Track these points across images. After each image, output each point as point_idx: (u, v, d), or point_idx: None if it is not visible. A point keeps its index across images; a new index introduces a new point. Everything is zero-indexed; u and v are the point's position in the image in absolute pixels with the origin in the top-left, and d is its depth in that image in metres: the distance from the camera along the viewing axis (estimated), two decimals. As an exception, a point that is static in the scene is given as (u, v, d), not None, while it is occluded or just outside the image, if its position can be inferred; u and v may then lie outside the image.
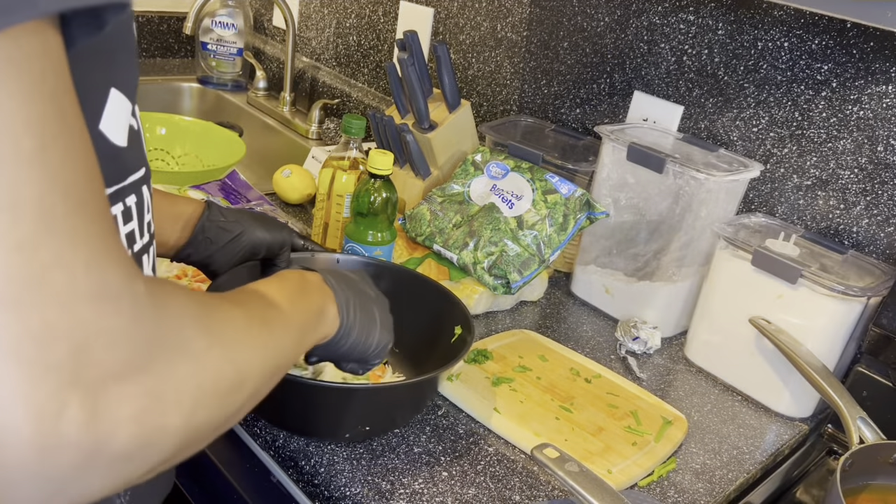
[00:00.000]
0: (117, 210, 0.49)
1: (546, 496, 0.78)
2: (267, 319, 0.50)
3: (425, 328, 0.92)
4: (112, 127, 0.45)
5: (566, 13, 1.34)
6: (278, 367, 0.51)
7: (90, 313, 0.32)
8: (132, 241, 0.51)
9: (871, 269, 0.99)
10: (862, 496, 0.83)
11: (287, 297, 0.56)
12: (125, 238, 0.50)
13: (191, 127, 1.54)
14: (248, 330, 0.46)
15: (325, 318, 0.64)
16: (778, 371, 0.99)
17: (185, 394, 0.37)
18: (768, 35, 1.09)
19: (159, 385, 0.35)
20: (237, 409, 0.44)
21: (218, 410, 0.41)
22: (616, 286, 1.15)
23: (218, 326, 0.42)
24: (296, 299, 0.58)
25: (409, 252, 1.14)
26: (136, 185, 0.50)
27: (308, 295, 0.62)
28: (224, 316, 0.44)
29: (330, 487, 0.75)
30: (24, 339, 0.30)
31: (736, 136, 1.16)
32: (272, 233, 0.86)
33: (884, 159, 1.01)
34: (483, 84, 1.51)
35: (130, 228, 0.51)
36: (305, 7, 1.90)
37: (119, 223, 0.49)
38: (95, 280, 0.33)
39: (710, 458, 0.89)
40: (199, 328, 0.40)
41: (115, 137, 0.46)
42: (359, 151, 1.15)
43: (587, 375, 0.98)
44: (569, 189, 1.10)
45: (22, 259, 0.30)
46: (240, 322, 0.46)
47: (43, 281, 0.31)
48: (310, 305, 0.61)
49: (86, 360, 0.32)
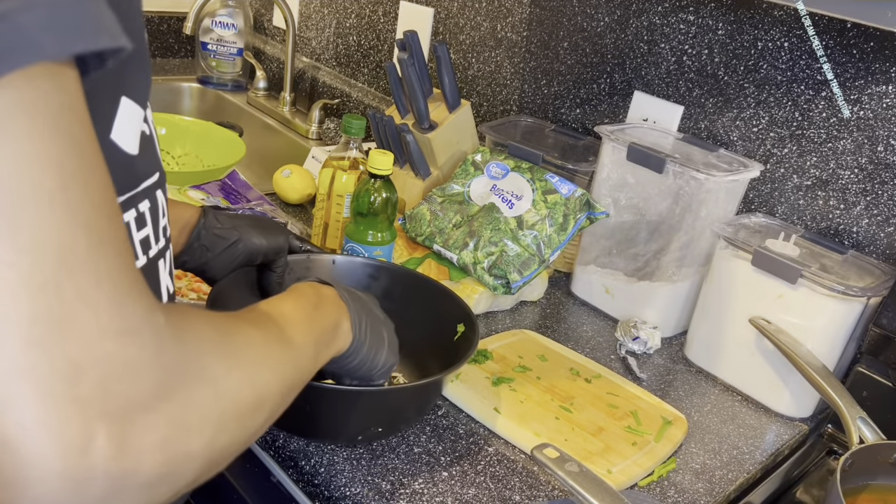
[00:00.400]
0: (130, 216, 0.49)
1: (546, 496, 0.78)
2: (284, 339, 0.51)
3: (427, 327, 0.91)
4: (124, 136, 0.45)
5: (566, 13, 1.34)
6: (296, 385, 0.51)
7: (114, 347, 0.33)
8: (147, 247, 0.51)
9: (871, 269, 0.99)
10: (862, 496, 0.83)
11: (304, 314, 0.57)
12: (140, 244, 0.50)
13: (191, 127, 1.54)
14: (266, 351, 0.47)
15: (340, 333, 0.65)
16: (778, 371, 0.99)
17: (206, 420, 0.38)
18: (768, 35, 1.09)
19: (182, 413, 0.36)
20: (257, 429, 0.45)
21: (239, 433, 0.42)
22: (616, 286, 1.15)
23: (237, 350, 0.43)
24: (312, 315, 0.59)
25: (409, 252, 1.14)
26: (149, 191, 0.50)
27: (323, 309, 0.62)
28: (243, 339, 0.45)
29: (330, 487, 0.75)
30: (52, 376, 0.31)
31: (736, 136, 1.16)
32: (269, 239, 0.85)
33: (884, 159, 1.01)
34: (483, 84, 1.51)
35: (145, 234, 0.51)
36: (305, 7, 1.90)
37: (132, 229, 0.49)
38: (118, 315, 0.34)
39: (710, 458, 0.89)
40: (218, 354, 0.40)
41: (126, 146, 0.46)
42: (359, 151, 1.15)
43: (587, 375, 0.98)
44: (569, 189, 1.10)
45: (46, 299, 0.31)
46: (258, 343, 0.46)
47: (67, 319, 0.32)
48: (326, 320, 0.62)
49: (111, 392, 0.33)
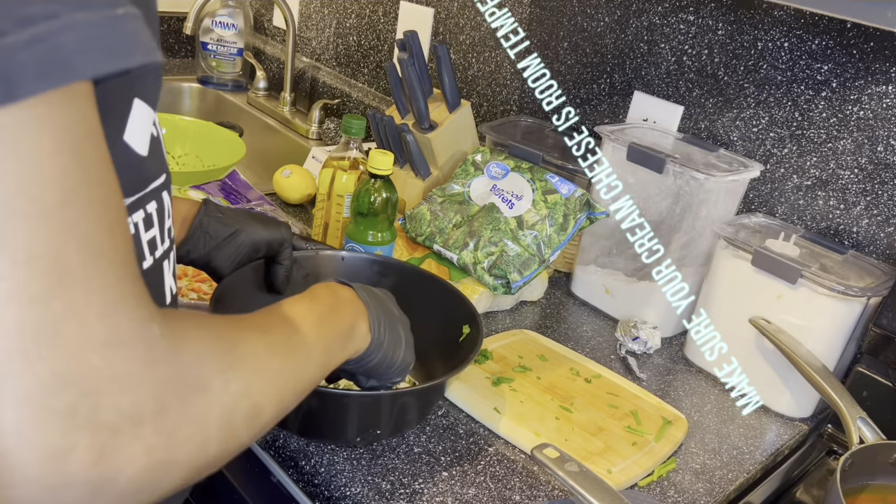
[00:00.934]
0: (139, 217, 0.49)
1: (546, 496, 0.78)
2: (291, 346, 0.51)
3: (433, 326, 0.91)
4: (136, 137, 0.46)
5: (566, 13, 1.34)
6: (299, 393, 0.51)
7: (101, 361, 0.34)
8: (154, 248, 0.52)
9: (871, 269, 0.99)
10: (862, 496, 0.83)
11: (316, 318, 0.57)
12: (147, 245, 0.50)
13: (191, 127, 1.54)
14: (269, 360, 0.47)
15: (356, 335, 0.64)
16: (778, 371, 0.99)
17: (196, 431, 0.38)
18: (768, 35, 1.09)
19: (169, 425, 0.37)
20: (252, 437, 0.45)
21: (231, 442, 0.42)
22: (616, 286, 1.15)
23: (237, 360, 0.43)
24: (325, 320, 0.58)
25: (409, 252, 1.14)
26: (156, 192, 0.51)
27: (339, 313, 0.62)
28: (245, 349, 0.45)
29: (330, 487, 0.75)
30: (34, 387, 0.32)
31: (736, 136, 1.16)
32: (270, 230, 0.85)
33: (884, 159, 1.01)
34: (483, 84, 1.51)
35: (152, 235, 0.51)
36: (305, 7, 1.90)
37: (140, 230, 0.49)
38: (108, 328, 0.34)
39: (710, 458, 0.89)
40: (217, 365, 0.41)
41: (138, 147, 0.46)
42: (359, 151, 1.15)
43: (587, 375, 0.98)
44: (569, 189, 1.10)
45: (35, 311, 0.32)
46: (261, 352, 0.46)
47: (55, 332, 0.32)
48: (340, 324, 0.61)
49: (95, 404, 0.33)
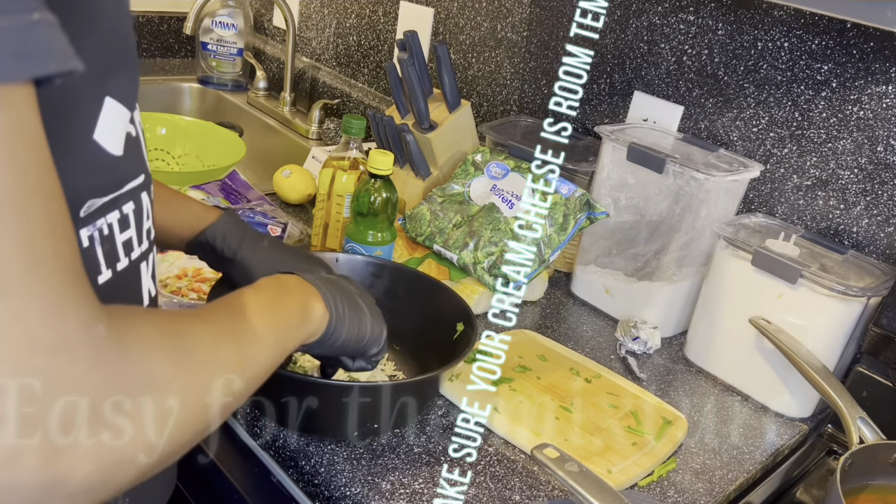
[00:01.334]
0: (113, 218, 0.49)
1: (546, 496, 0.78)
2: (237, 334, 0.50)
3: (428, 326, 0.92)
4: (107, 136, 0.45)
5: (566, 13, 1.34)
6: (252, 379, 0.51)
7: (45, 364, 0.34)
8: (129, 249, 0.51)
9: (871, 269, 0.99)
10: (862, 496, 0.83)
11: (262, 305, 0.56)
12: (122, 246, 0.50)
13: (191, 127, 1.54)
14: (216, 349, 0.46)
15: (311, 316, 0.63)
16: (778, 371, 0.99)
17: (146, 427, 0.38)
18: (768, 35, 1.09)
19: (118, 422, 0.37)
20: (205, 427, 0.44)
21: (184, 435, 0.42)
22: (616, 286, 1.15)
23: (184, 352, 0.43)
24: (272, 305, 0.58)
25: (410, 252, 1.14)
26: (134, 193, 0.50)
27: (286, 297, 0.61)
28: (190, 341, 0.44)
29: (330, 487, 0.75)
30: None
31: (736, 136, 1.16)
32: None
33: (884, 159, 1.01)
34: (483, 84, 1.51)
35: (128, 236, 0.51)
36: (305, 7, 1.90)
37: (115, 231, 0.49)
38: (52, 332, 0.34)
39: (710, 458, 0.89)
40: (163, 359, 0.40)
41: (110, 147, 0.46)
42: (359, 151, 1.15)
43: (587, 375, 0.98)
44: (569, 189, 1.10)
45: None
46: (207, 342, 0.46)
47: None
48: (289, 308, 0.61)
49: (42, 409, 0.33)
